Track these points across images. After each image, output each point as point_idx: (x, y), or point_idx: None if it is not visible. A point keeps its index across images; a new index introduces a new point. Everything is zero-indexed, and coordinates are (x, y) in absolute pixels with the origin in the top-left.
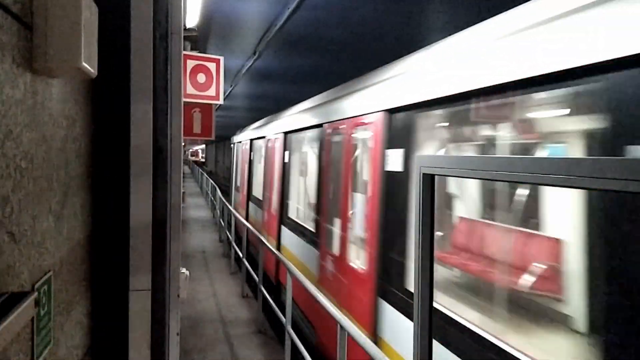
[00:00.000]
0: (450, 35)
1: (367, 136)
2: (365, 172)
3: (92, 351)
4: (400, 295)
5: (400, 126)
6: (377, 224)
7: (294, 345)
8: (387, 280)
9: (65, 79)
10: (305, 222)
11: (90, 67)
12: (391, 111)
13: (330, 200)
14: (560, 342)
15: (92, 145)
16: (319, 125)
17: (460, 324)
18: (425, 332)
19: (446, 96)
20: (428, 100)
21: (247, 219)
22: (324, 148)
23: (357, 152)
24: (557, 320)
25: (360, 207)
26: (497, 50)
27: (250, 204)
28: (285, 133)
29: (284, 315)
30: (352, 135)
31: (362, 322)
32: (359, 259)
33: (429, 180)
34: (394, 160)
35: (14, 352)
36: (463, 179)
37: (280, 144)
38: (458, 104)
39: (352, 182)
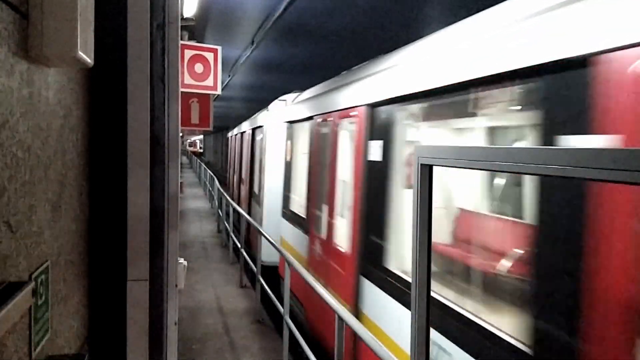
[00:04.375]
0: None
1: None
2: None
3: (89, 341)
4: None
5: None
6: None
7: (292, 335)
8: None
9: (61, 68)
10: None
11: (86, 56)
12: None
13: None
14: None
15: (89, 134)
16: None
17: None
18: (422, 325)
19: None
20: None
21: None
22: None
23: None
24: None
25: None
26: None
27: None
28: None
29: (282, 305)
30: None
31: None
32: None
33: (427, 171)
34: None
35: (12, 342)
36: None
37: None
38: None
39: None
